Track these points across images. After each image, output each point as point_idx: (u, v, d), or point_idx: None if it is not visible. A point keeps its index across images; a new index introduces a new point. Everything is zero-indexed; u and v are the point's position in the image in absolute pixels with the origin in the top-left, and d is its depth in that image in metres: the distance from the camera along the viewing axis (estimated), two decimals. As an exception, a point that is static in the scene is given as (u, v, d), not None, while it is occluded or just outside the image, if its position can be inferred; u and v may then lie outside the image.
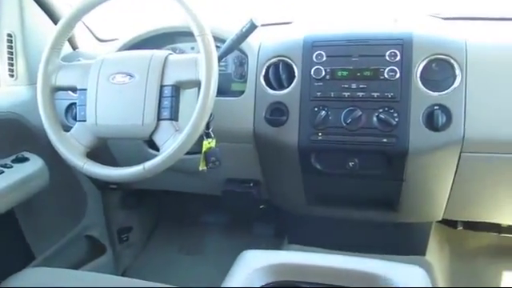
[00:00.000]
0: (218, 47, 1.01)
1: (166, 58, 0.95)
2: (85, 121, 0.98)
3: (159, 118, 0.93)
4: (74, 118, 1.08)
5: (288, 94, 1.08)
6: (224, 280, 0.85)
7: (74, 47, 1.40)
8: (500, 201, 1.17)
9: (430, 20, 1.17)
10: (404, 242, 1.39)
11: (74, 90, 1.02)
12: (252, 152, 1.18)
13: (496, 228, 1.46)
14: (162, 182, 1.35)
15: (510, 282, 1.43)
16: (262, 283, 0.83)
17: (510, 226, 1.43)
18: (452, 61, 1.01)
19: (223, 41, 1.07)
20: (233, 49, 1.07)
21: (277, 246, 1.52)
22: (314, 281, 0.83)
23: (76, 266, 1.45)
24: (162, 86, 0.93)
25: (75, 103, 1.03)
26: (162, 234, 1.82)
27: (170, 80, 0.93)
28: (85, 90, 0.98)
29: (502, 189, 1.13)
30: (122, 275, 1.62)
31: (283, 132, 1.09)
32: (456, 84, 1.00)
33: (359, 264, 0.84)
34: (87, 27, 1.44)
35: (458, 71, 1.01)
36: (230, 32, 1.05)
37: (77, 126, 1.00)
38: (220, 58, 1.04)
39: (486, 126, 1.00)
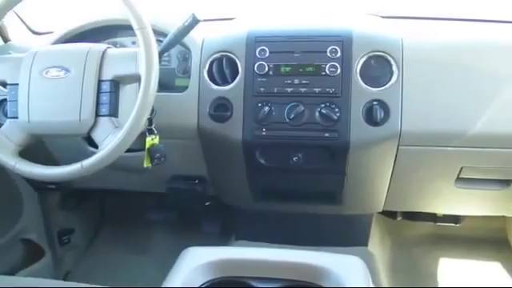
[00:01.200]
0: (159, 41, 0.99)
1: (104, 51, 0.92)
2: (16, 117, 0.93)
3: (97, 114, 0.90)
4: (6, 115, 1.03)
5: (232, 89, 1.08)
6: (166, 278, 0.83)
7: (6, 39, 1.31)
8: (435, 191, 1.23)
9: (369, 18, 1.21)
10: (347, 234, 1.43)
11: (3, 84, 0.97)
12: (197, 148, 1.17)
13: (432, 217, 1.54)
14: (105, 180, 1.31)
15: (446, 268, 1.52)
16: (205, 280, 0.83)
17: (444, 215, 1.52)
18: (389, 58, 1.05)
19: (165, 35, 1.05)
20: (174, 43, 1.05)
21: (224, 243, 1.52)
22: (256, 275, 0.83)
23: (11, 271, 1.38)
24: (99, 81, 0.90)
25: (6, 99, 0.98)
26: (106, 234, 1.76)
27: (108, 75, 0.91)
28: (16, 84, 0.93)
29: (437, 180, 1.18)
30: (64, 279, 1.55)
31: (227, 128, 1.08)
32: (393, 80, 1.04)
33: (300, 257, 0.86)
34: (20, 18, 1.36)
35: (394, 68, 1.04)
36: (172, 26, 1.03)
37: (8, 123, 0.95)
38: (161, 53, 1.02)
39: (422, 120, 1.05)
